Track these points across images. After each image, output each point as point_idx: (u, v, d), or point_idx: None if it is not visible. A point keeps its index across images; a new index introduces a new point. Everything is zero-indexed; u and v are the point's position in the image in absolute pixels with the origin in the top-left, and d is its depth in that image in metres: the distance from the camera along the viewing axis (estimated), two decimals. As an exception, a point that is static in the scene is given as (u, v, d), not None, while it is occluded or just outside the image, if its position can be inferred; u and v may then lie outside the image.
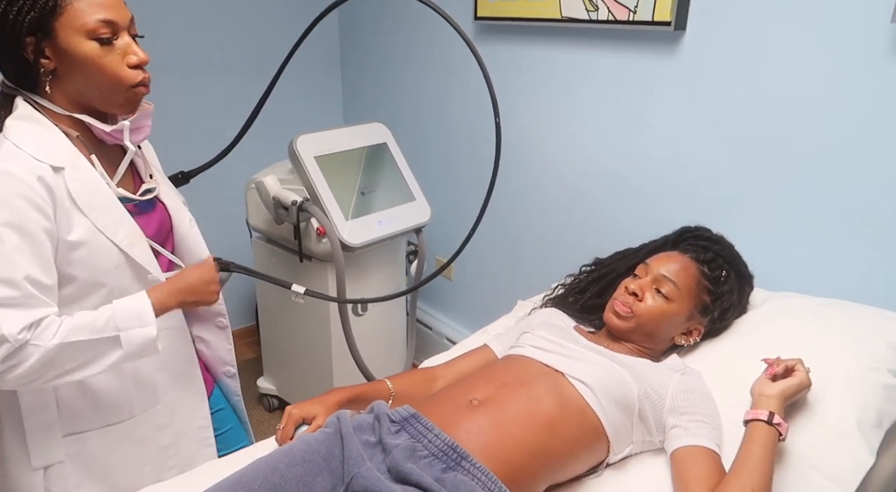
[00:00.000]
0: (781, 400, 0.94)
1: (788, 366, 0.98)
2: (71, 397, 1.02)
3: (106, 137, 1.01)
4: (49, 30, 0.90)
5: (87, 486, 1.05)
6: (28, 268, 0.89)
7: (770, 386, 0.96)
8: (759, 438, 0.90)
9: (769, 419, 0.91)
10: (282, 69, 1.60)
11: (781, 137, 1.35)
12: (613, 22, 1.59)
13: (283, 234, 1.93)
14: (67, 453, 1.03)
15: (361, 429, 0.94)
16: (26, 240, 0.89)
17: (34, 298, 0.90)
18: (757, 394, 0.96)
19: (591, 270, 1.34)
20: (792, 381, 0.96)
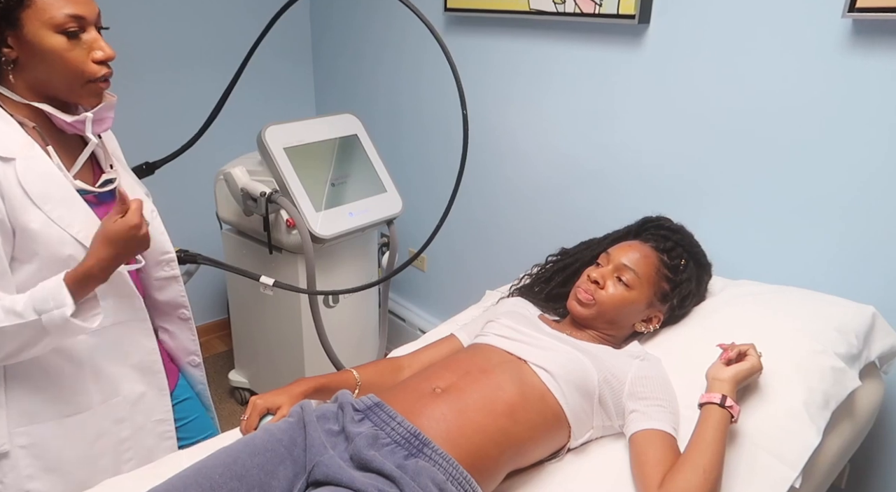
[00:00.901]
0: (734, 383, 0.97)
1: (741, 351, 1.01)
2: (25, 387, 1.01)
3: (66, 127, 1.00)
4: (14, 20, 0.89)
5: (40, 478, 1.04)
6: None
7: (723, 370, 0.99)
8: (711, 420, 0.93)
9: (721, 402, 0.94)
10: (247, 59, 1.58)
11: (742, 128, 1.38)
12: (580, 15, 1.61)
13: (253, 225, 1.91)
14: (20, 445, 1.02)
15: (325, 418, 0.94)
16: None
17: None
18: (711, 378, 1.00)
19: (556, 260, 1.36)
20: (744, 365, 0.99)
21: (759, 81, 1.33)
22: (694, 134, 1.47)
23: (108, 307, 1.06)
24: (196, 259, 1.55)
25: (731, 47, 1.36)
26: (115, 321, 1.08)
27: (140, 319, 1.12)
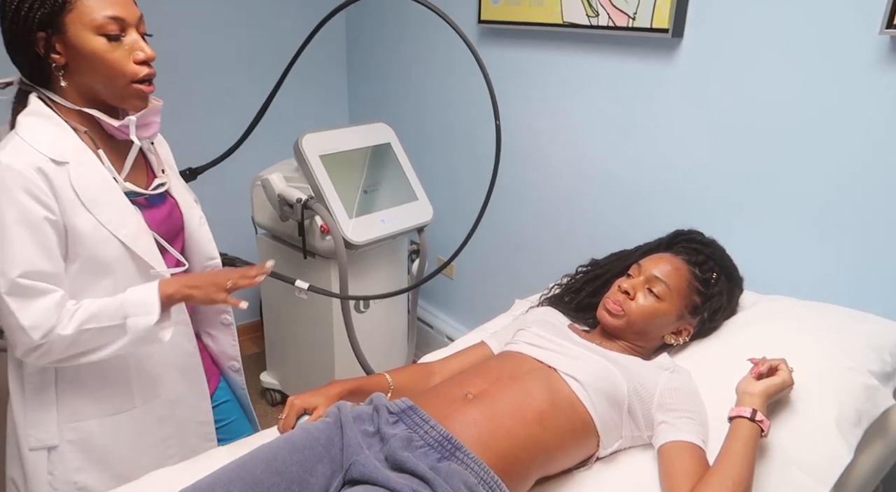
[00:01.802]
0: (764, 398, 0.97)
1: (772, 365, 1.01)
2: (73, 386, 1.06)
3: (114, 131, 1.03)
4: (59, 25, 0.93)
5: (87, 471, 1.08)
6: (35, 261, 0.94)
7: (754, 384, 0.99)
8: (741, 433, 0.94)
9: (752, 416, 0.95)
10: (288, 69, 1.64)
11: (776, 143, 1.38)
12: (613, 28, 1.63)
13: (288, 231, 1.97)
14: (69, 439, 1.07)
15: (360, 419, 0.98)
16: (31, 232, 0.93)
17: (44, 288, 0.95)
18: (741, 392, 1.00)
19: (586, 271, 1.38)
20: (775, 379, 0.99)
21: (793, 97, 1.33)
22: (726, 148, 1.48)
23: None
24: (235, 263, 1.61)
25: (765, 62, 1.37)
26: None
27: (182, 323, 1.16)
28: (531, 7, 1.84)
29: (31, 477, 1.07)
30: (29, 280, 0.94)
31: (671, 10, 1.48)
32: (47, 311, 0.95)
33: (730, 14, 1.41)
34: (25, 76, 1.00)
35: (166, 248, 1.12)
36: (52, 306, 0.96)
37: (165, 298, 1.03)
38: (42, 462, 1.07)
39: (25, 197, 0.93)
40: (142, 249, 1.05)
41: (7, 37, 0.96)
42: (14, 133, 0.97)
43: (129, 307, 1.00)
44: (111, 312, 0.99)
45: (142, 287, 1.03)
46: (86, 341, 0.99)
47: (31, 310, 0.95)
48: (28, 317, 0.94)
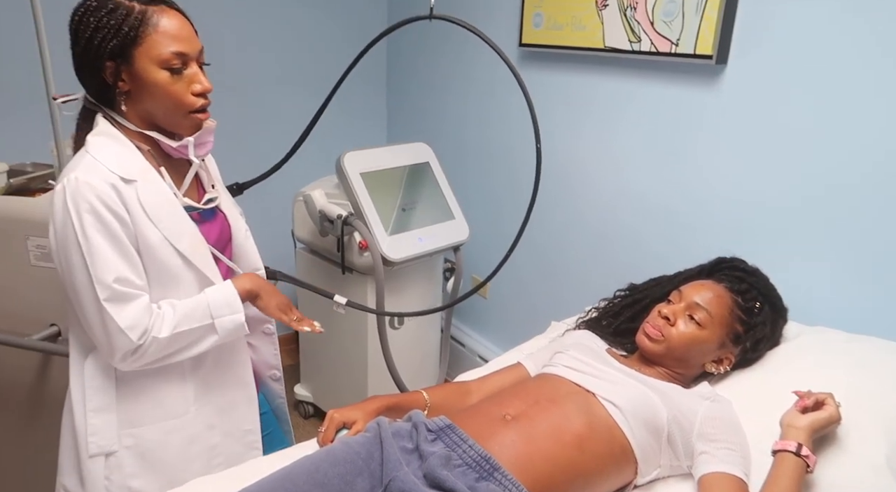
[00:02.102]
0: (810, 432, 0.95)
1: (819, 399, 0.99)
2: (132, 393, 1.10)
3: (172, 151, 1.09)
4: (128, 56, 0.99)
5: (141, 476, 1.12)
6: (121, 268, 1.00)
7: (799, 418, 0.97)
8: (786, 468, 0.92)
9: (797, 450, 0.93)
10: (334, 91, 1.68)
11: (822, 172, 1.36)
12: (655, 54, 1.63)
13: (327, 246, 2.01)
14: (126, 445, 1.11)
15: (400, 435, 0.99)
16: (113, 242, 0.99)
17: (134, 293, 1.02)
18: (786, 425, 0.98)
19: (625, 295, 1.37)
20: (821, 414, 0.97)
21: (840, 127, 1.31)
22: (770, 176, 1.46)
23: None
24: (276, 276, 1.65)
25: (811, 91, 1.35)
26: None
27: None
28: (573, 31, 1.86)
29: (88, 483, 1.10)
30: (121, 286, 1.00)
31: (715, 36, 1.48)
32: (142, 312, 1.02)
33: (776, 41, 1.41)
34: (91, 96, 1.06)
35: (220, 258, 1.16)
36: (144, 308, 1.02)
37: (244, 293, 1.12)
38: (100, 468, 1.10)
39: (105, 210, 0.98)
40: (200, 261, 1.09)
41: (77, 61, 1.02)
42: (85, 152, 1.02)
43: (214, 308, 1.08)
44: (200, 314, 1.07)
45: (219, 287, 1.11)
46: (178, 342, 1.06)
47: (128, 312, 1.00)
48: (126, 319, 1.00)
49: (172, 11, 1.01)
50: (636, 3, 1.66)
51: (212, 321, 1.07)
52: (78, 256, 0.98)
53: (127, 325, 1.00)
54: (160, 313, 1.04)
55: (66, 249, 0.99)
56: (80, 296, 1.00)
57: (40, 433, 1.50)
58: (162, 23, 0.99)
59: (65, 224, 0.98)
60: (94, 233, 0.97)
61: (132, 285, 1.02)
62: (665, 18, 1.59)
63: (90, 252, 0.97)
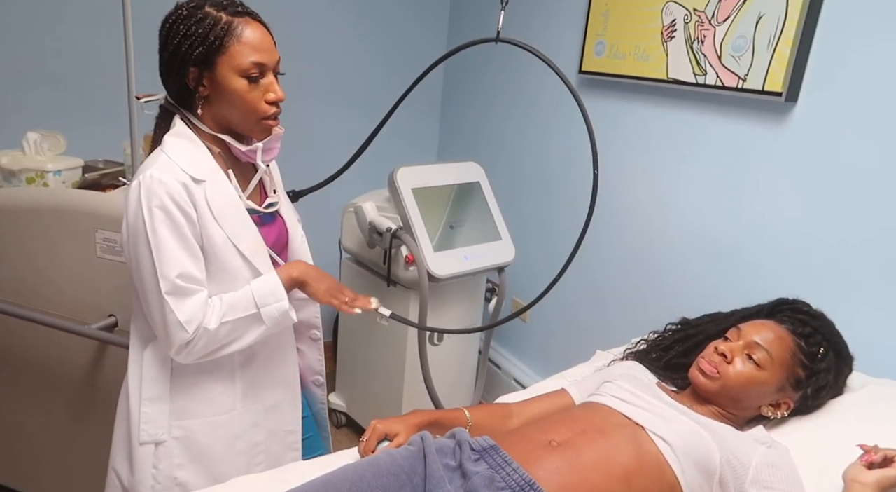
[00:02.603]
0: (877, 490, 0.90)
1: (888, 456, 0.94)
2: (185, 386, 1.13)
3: (241, 155, 1.14)
4: (211, 63, 1.04)
5: (187, 468, 1.14)
6: (185, 263, 1.03)
7: (865, 473, 0.92)
8: None
9: None
10: (393, 109, 1.72)
11: (889, 216, 1.31)
12: (721, 88, 1.61)
13: (373, 257, 2.03)
14: (175, 436, 1.13)
15: (443, 452, 0.98)
16: (179, 238, 1.03)
17: (194, 288, 1.05)
18: (850, 480, 0.93)
19: (677, 329, 1.34)
20: (891, 471, 0.92)
21: (917, 170, 1.27)
22: (836, 218, 1.41)
23: None
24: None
25: (886, 133, 1.31)
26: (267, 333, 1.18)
27: (287, 333, 1.22)
28: (636, 61, 1.86)
29: (137, 470, 1.13)
30: (183, 281, 1.03)
31: (787, 73, 1.46)
32: (199, 307, 1.05)
33: (850, 80, 1.37)
34: (172, 98, 1.11)
35: (277, 261, 1.19)
36: (201, 303, 1.05)
37: (289, 280, 1.13)
38: (149, 456, 1.13)
39: (174, 207, 1.02)
40: (259, 262, 1.13)
41: (164, 65, 1.08)
42: (161, 151, 1.07)
43: (259, 297, 1.10)
44: (245, 303, 1.09)
45: (264, 277, 1.12)
46: (226, 334, 1.08)
47: (187, 306, 1.04)
48: (184, 313, 1.03)
49: (256, 23, 1.06)
50: (703, 37, 1.65)
51: (257, 311, 1.09)
52: (146, 249, 1.02)
53: (185, 319, 1.03)
54: (211, 304, 1.07)
55: (135, 241, 1.03)
56: (145, 287, 1.04)
57: (92, 419, 1.55)
58: (245, 34, 1.04)
59: (136, 218, 1.02)
60: (163, 228, 1.01)
61: (194, 281, 1.05)
62: (734, 53, 1.57)
63: (157, 246, 1.01)
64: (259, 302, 1.10)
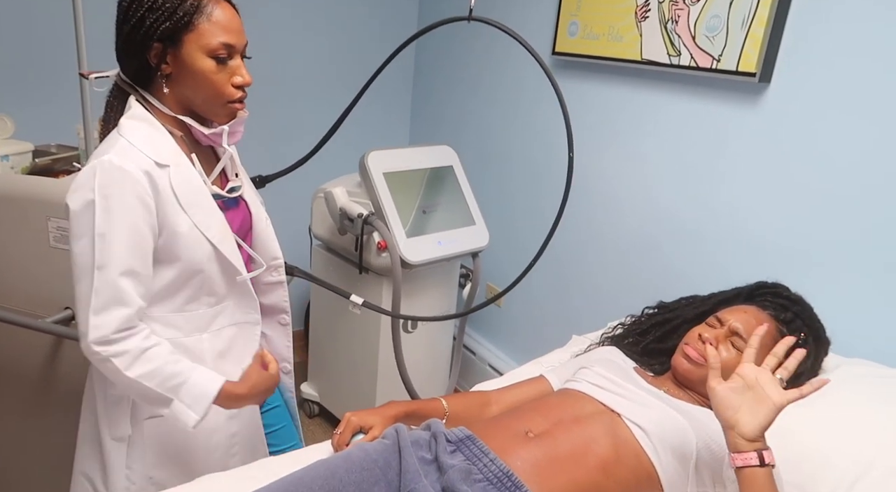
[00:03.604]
0: (761, 432, 0.85)
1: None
2: None
3: (203, 138, 1.08)
4: (177, 41, 0.98)
5: (163, 466, 1.09)
6: (130, 261, 0.97)
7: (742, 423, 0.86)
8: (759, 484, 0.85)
9: (760, 462, 0.84)
10: (362, 92, 1.66)
11: (861, 199, 1.32)
12: (695, 68, 1.60)
13: (344, 244, 1.98)
14: (147, 434, 1.09)
15: (418, 445, 0.95)
16: (132, 233, 0.96)
17: (126, 298, 0.97)
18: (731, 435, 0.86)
19: (654, 313, 1.33)
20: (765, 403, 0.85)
21: (888, 152, 1.27)
22: (807, 201, 1.42)
23: (228, 308, 1.12)
24: (293, 272, 1.62)
25: (859, 114, 1.31)
26: (232, 322, 1.14)
27: (253, 323, 1.18)
28: (609, 42, 1.83)
29: (110, 471, 1.09)
30: (124, 279, 0.96)
31: (760, 53, 1.45)
32: (121, 321, 0.97)
33: (824, 62, 1.37)
34: (128, 76, 1.04)
35: (243, 247, 1.14)
36: (125, 319, 0.97)
37: (225, 395, 1.02)
38: (121, 457, 1.08)
39: (133, 199, 0.96)
40: (227, 250, 1.08)
41: (122, 40, 1.01)
42: (118, 135, 1.01)
43: (185, 390, 1.00)
44: (168, 383, 0.99)
45: (208, 377, 1.02)
46: (134, 391, 1.01)
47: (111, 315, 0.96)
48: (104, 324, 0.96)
49: (226, 3, 1.02)
50: (678, 17, 1.62)
51: (171, 398, 1.00)
52: (89, 238, 0.96)
53: (99, 324, 0.95)
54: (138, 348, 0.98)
55: (79, 229, 0.97)
56: (80, 277, 0.98)
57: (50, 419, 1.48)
58: (215, 13, 0.99)
59: (86, 205, 0.96)
60: (118, 222, 0.95)
61: (135, 279, 0.98)
62: (708, 33, 1.56)
63: (104, 240, 0.95)
64: (181, 393, 1.00)
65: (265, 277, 1.23)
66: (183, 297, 1.06)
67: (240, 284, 1.12)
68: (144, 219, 0.97)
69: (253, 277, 1.20)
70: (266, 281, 1.24)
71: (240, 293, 1.13)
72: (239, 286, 1.12)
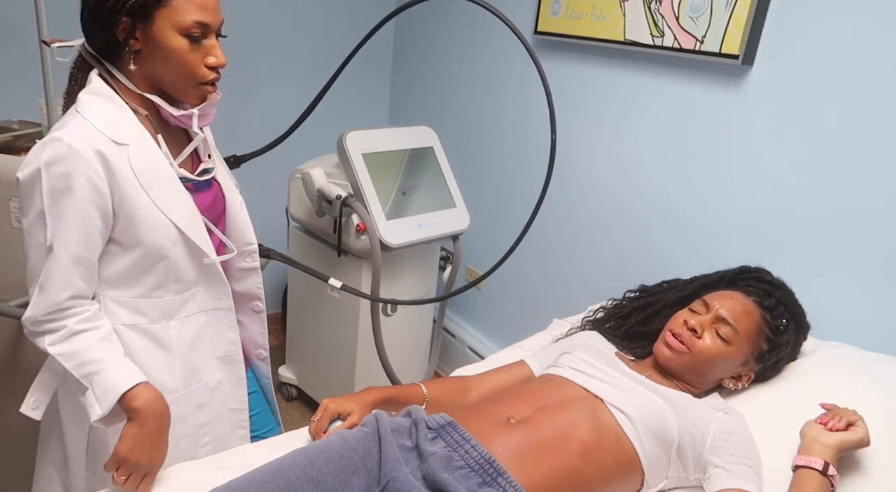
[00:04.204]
0: (838, 451, 0.91)
1: (850, 421, 0.95)
2: None
3: (172, 119, 1.03)
4: (148, 16, 0.93)
5: None
6: (75, 243, 0.93)
7: (827, 434, 0.93)
8: (811, 487, 0.88)
9: (824, 470, 0.89)
10: (340, 70, 1.61)
11: (844, 182, 1.32)
12: (678, 50, 1.58)
13: (322, 226, 1.94)
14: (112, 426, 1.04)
15: (399, 432, 0.93)
16: (79, 216, 0.93)
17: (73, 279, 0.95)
18: (810, 438, 0.93)
19: (636, 297, 1.32)
20: (852, 435, 0.93)
21: (871, 135, 1.27)
22: (791, 184, 1.42)
23: (198, 294, 1.09)
24: (270, 254, 1.58)
25: (842, 97, 1.31)
26: (202, 309, 1.10)
27: (226, 309, 1.14)
28: (592, 21, 1.80)
29: (71, 459, 1.06)
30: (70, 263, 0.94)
31: (744, 36, 1.43)
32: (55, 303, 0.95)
33: (807, 45, 1.36)
34: (93, 48, 0.99)
35: (214, 231, 1.10)
36: (62, 300, 0.95)
37: (131, 399, 0.94)
38: (82, 445, 1.05)
39: (82, 179, 0.92)
40: (194, 234, 1.03)
41: (89, 10, 0.95)
42: (75, 111, 0.96)
43: (97, 381, 0.94)
44: (83, 369, 0.95)
45: (125, 373, 0.96)
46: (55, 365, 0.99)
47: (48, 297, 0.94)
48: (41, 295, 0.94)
49: None
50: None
51: (86, 386, 0.95)
52: (35, 215, 0.93)
53: (38, 302, 0.94)
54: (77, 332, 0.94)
55: (27, 204, 0.93)
56: (28, 252, 0.96)
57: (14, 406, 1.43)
58: None
59: (33, 181, 0.91)
60: (60, 201, 0.91)
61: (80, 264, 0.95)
62: (692, 14, 1.54)
63: (51, 218, 0.92)
64: (94, 383, 0.94)
65: (238, 262, 1.19)
66: (150, 282, 1.02)
67: (210, 270, 1.08)
68: (93, 200, 0.93)
69: (225, 263, 1.16)
70: (239, 267, 1.20)
71: (210, 279, 1.09)
72: (209, 272, 1.08)
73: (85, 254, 0.95)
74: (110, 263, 1.00)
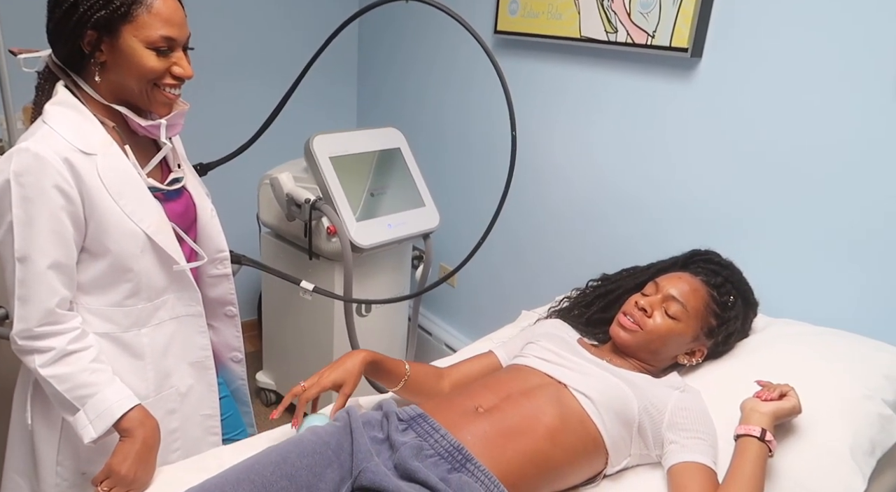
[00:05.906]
0: (773, 419, 0.96)
1: (783, 391, 1.00)
2: None
3: (140, 129, 1.05)
4: (113, 30, 0.94)
5: (96, 462, 1.06)
6: (51, 251, 0.94)
7: (762, 404, 0.98)
8: (751, 453, 0.93)
9: (761, 436, 0.94)
10: (303, 74, 1.63)
11: (791, 167, 1.38)
12: (631, 45, 1.63)
13: (293, 231, 1.95)
14: None
15: (370, 425, 0.96)
16: (52, 222, 0.93)
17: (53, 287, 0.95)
18: (748, 409, 0.99)
19: (597, 285, 1.37)
20: (785, 403, 0.98)
21: (812, 121, 1.34)
22: (740, 170, 1.48)
23: (169, 302, 1.10)
24: (241, 260, 1.59)
25: (785, 86, 1.37)
26: (173, 316, 1.11)
27: (196, 315, 1.16)
28: (549, 20, 1.85)
29: (40, 466, 1.06)
30: (49, 271, 0.94)
31: (691, 29, 1.49)
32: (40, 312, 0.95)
33: (751, 36, 1.42)
34: (59, 59, 1.00)
35: (184, 239, 1.11)
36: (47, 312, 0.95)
37: (126, 421, 0.98)
38: (52, 452, 1.06)
39: (51, 188, 0.93)
40: (163, 242, 1.05)
41: (54, 23, 0.96)
42: (42, 122, 0.97)
43: (91, 404, 0.97)
44: (77, 392, 0.97)
45: (120, 396, 0.99)
46: (46, 388, 0.98)
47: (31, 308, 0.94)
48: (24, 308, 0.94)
49: None
50: (614, -7, 1.65)
51: (78, 408, 0.97)
52: (6, 226, 0.93)
53: (24, 316, 0.94)
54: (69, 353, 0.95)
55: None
56: (4, 266, 0.95)
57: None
58: (156, 4, 0.95)
59: (3, 196, 0.92)
60: (31, 210, 0.92)
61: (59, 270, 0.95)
62: (642, 10, 1.59)
63: (21, 230, 0.92)
64: (87, 406, 0.96)
65: (210, 269, 1.21)
66: (122, 291, 1.04)
67: (180, 277, 1.10)
68: (63, 207, 0.94)
69: (197, 270, 1.18)
70: (211, 274, 1.22)
71: (180, 286, 1.11)
72: (179, 279, 1.10)
73: (63, 260, 0.96)
74: (81, 272, 1.01)
